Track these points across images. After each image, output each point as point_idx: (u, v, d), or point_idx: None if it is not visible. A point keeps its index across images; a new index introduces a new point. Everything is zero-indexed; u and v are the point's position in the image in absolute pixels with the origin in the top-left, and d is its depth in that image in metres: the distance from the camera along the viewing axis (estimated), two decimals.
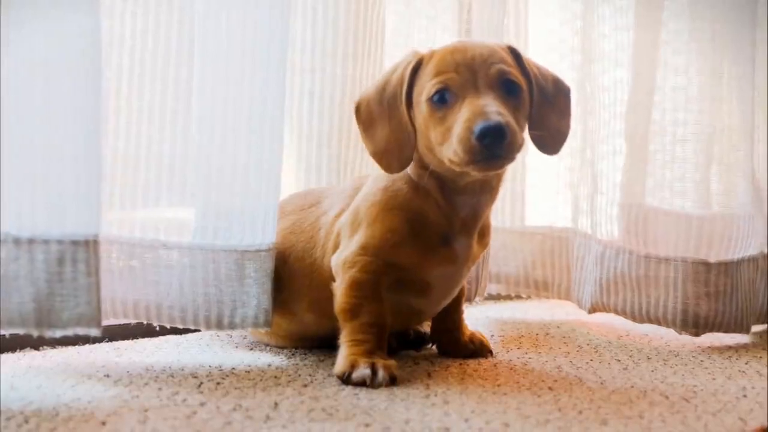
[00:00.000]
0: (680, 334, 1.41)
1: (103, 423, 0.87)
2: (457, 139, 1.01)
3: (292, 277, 1.18)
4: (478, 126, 0.99)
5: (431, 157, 1.08)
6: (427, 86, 1.06)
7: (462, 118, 1.01)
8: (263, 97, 1.14)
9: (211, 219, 1.15)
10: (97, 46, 1.00)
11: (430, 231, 1.11)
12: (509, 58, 1.09)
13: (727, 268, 1.40)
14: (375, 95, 1.12)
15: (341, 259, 1.12)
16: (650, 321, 1.42)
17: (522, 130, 1.07)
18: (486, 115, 1.00)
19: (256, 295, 1.15)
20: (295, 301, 1.18)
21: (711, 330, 1.39)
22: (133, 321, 1.17)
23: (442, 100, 1.05)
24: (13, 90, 0.96)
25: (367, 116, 1.12)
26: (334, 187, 1.27)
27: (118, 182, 1.16)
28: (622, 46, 1.46)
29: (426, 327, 1.30)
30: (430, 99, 1.05)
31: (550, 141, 1.13)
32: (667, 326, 1.40)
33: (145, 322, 1.17)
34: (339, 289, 1.11)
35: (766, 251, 1.50)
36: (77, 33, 0.98)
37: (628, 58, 1.45)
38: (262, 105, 1.14)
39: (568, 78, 1.54)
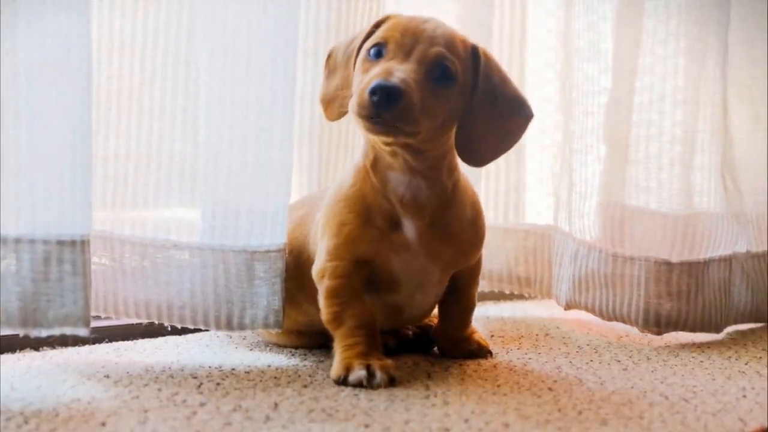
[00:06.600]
0: (642, 332, 1.42)
1: (103, 423, 0.87)
2: (358, 90, 1.02)
3: (294, 268, 1.18)
4: (374, 82, 0.99)
5: None
6: (371, 39, 1.08)
7: (370, 74, 1.02)
8: (272, 96, 1.14)
9: (220, 219, 1.15)
10: (87, 44, 1.00)
11: (376, 214, 1.10)
12: (461, 51, 1.08)
13: (691, 267, 1.41)
14: (343, 45, 1.14)
15: (315, 270, 1.13)
16: (616, 319, 1.43)
17: (434, 118, 1.04)
18: (388, 75, 1.00)
19: (266, 295, 1.16)
20: (298, 291, 1.19)
21: (674, 329, 1.41)
22: (145, 321, 1.18)
23: (378, 54, 1.06)
24: None
25: (332, 63, 1.15)
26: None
27: (131, 182, 1.16)
28: (603, 47, 1.46)
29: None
30: (368, 50, 1.07)
31: (472, 151, 1.11)
32: (631, 324, 1.42)
33: (150, 322, 1.17)
34: (320, 300, 1.12)
35: (753, 250, 1.52)
36: (65, 32, 0.98)
37: (608, 59, 1.46)
38: (270, 103, 1.14)
39: (557, 77, 1.56)
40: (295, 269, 1.18)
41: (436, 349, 1.26)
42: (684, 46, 1.44)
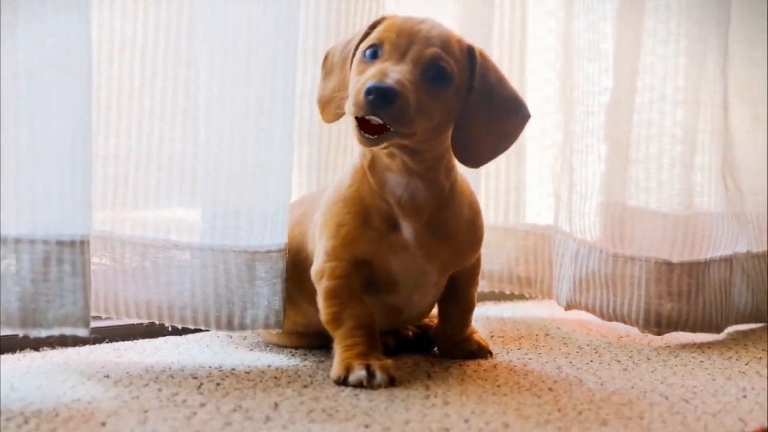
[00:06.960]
0: (643, 333, 1.43)
1: (103, 423, 0.87)
2: (353, 92, 1.02)
3: (293, 267, 1.18)
4: (369, 83, 0.99)
5: None
6: (367, 40, 1.08)
7: (366, 75, 1.02)
8: (272, 96, 1.14)
9: (220, 219, 1.15)
10: (87, 44, 1.00)
11: (374, 215, 1.10)
12: (457, 51, 1.07)
13: (691, 268, 1.41)
14: (340, 47, 1.14)
15: (314, 271, 1.13)
16: (617, 319, 1.43)
17: (430, 119, 1.04)
18: (383, 76, 1.00)
19: (267, 296, 1.16)
20: (297, 290, 1.19)
21: (675, 329, 1.41)
22: (145, 321, 1.18)
23: (373, 55, 1.06)
24: None
25: (329, 65, 1.15)
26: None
27: (131, 182, 1.17)
28: (603, 47, 1.46)
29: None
30: (364, 51, 1.07)
31: (468, 151, 1.10)
32: (631, 325, 1.42)
33: (150, 322, 1.18)
34: (319, 301, 1.12)
35: (754, 251, 1.52)
36: (65, 32, 0.98)
37: (609, 59, 1.46)
38: (270, 103, 1.14)
39: (557, 78, 1.56)
40: (294, 268, 1.18)
41: (436, 349, 1.26)
42: (684, 45, 1.44)
